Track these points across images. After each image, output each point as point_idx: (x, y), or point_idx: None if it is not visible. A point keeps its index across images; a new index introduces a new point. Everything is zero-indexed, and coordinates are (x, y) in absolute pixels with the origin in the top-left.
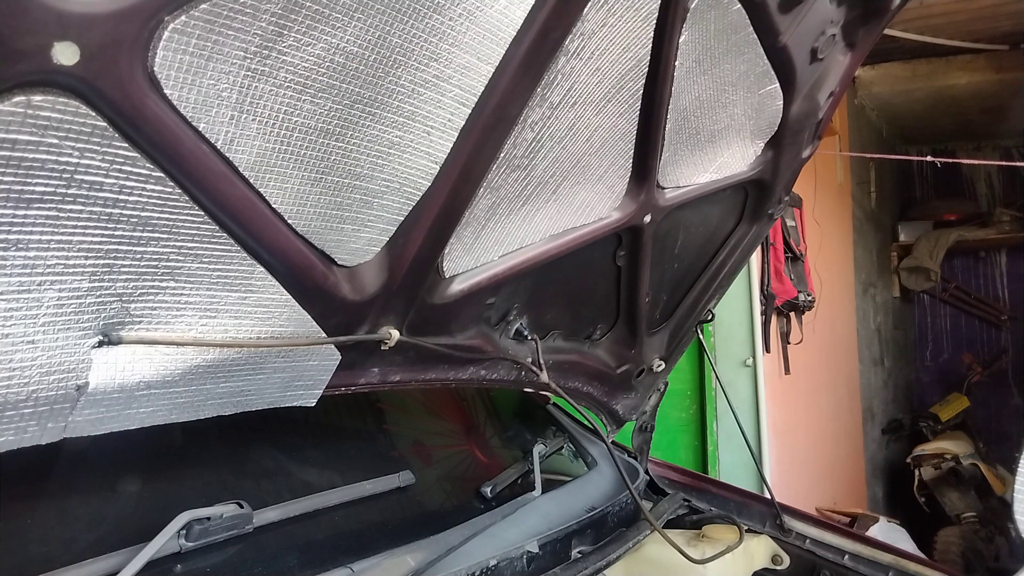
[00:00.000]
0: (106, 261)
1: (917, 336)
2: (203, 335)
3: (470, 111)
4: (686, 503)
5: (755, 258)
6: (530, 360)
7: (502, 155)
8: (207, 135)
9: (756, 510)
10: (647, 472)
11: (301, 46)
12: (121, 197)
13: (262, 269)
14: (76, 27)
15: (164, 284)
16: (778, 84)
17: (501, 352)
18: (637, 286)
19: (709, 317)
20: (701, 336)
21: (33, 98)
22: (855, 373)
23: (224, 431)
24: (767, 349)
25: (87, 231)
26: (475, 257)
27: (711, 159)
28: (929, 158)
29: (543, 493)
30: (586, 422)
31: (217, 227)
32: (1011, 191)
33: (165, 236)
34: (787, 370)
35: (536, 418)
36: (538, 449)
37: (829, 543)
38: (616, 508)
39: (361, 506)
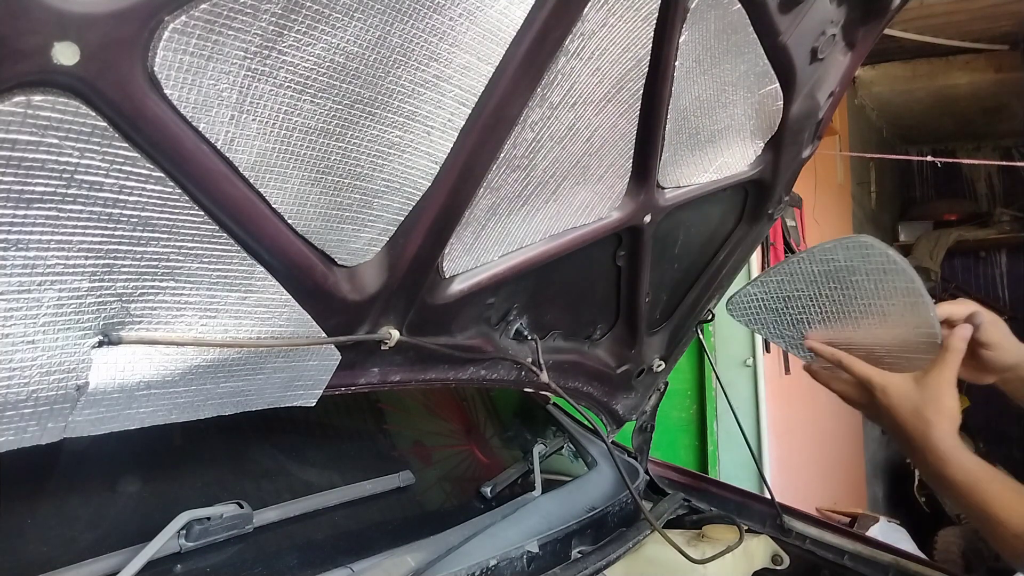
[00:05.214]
0: (106, 261)
1: None
2: (203, 335)
3: (470, 111)
4: (686, 503)
5: (755, 258)
6: (530, 360)
7: (502, 155)
8: (207, 135)
9: (756, 510)
10: (647, 472)
11: (301, 46)
12: (121, 197)
13: (262, 269)
14: (76, 27)
15: (164, 284)
16: (778, 84)
17: (501, 352)
18: (637, 286)
19: (709, 317)
20: (701, 336)
21: (33, 98)
22: None
23: (224, 431)
24: (767, 349)
25: (87, 231)
26: (475, 257)
27: (711, 159)
28: (929, 158)
29: (543, 493)
30: (586, 422)
31: (217, 227)
32: (1011, 191)
33: (165, 236)
34: (787, 370)
35: (536, 418)
36: (538, 449)
37: (829, 543)
38: (616, 508)
39: (361, 506)
